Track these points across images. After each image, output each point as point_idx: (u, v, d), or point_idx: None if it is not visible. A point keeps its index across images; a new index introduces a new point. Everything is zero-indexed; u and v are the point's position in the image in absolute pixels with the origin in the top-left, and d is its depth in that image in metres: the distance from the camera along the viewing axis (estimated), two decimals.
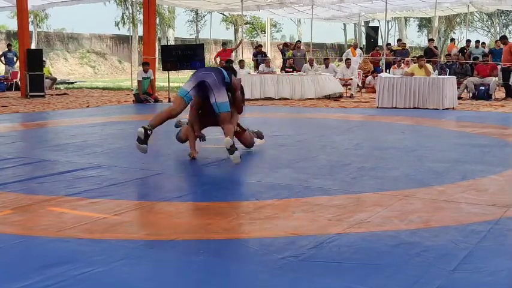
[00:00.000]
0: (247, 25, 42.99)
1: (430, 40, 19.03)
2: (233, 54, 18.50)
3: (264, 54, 18.58)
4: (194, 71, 5.87)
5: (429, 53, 16.09)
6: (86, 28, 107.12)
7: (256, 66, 17.21)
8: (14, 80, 17.51)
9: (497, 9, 27.58)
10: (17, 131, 8.64)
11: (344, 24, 39.59)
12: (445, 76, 12.34)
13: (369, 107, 11.94)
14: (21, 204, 3.99)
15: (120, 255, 2.92)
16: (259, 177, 4.88)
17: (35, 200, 4.10)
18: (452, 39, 19.82)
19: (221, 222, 3.54)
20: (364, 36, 29.18)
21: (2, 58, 18.40)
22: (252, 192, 4.48)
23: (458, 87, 12.77)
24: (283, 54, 18.79)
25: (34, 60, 14.55)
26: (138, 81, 13.24)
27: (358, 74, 16.12)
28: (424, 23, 44.81)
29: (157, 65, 17.37)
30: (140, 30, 22.39)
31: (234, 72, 5.86)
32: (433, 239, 3.18)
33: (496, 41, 17.35)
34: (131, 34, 29.04)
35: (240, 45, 20.21)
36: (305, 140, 7.18)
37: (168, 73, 15.34)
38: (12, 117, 10.17)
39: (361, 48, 20.19)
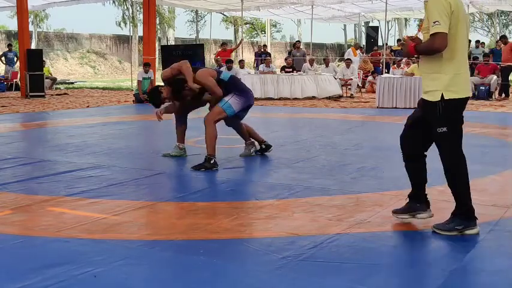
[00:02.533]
0: (247, 25, 42.99)
1: None
2: (233, 54, 18.49)
3: (269, 54, 18.58)
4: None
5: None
6: (86, 28, 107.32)
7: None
8: (14, 80, 17.51)
9: (497, 10, 27.56)
10: (17, 131, 8.63)
11: (344, 24, 39.58)
12: None
13: (369, 107, 11.94)
14: (21, 204, 3.99)
15: (120, 255, 2.92)
16: (259, 177, 4.88)
17: (35, 200, 4.11)
18: None
19: (221, 222, 3.54)
20: (364, 36, 29.18)
21: (3, 58, 18.40)
22: (252, 192, 4.48)
23: None
24: (290, 55, 18.78)
25: (34, 60, 14.54)
26: (138, 81, 13.26)
27: (358, 74, 16.11)
28: None
29: (157, 65, 17.35)
30: (140, 30, 22.39)
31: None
32: (433, 239, 3.18)
33: (497, 41, 17.31)
34: (131, 34, 29.04)
35: (240, 45, 20.19)
36: (305, 140, 7.17)
37: None
38: (12, 117, 10.16)
39: (360, 47, 20.15)
